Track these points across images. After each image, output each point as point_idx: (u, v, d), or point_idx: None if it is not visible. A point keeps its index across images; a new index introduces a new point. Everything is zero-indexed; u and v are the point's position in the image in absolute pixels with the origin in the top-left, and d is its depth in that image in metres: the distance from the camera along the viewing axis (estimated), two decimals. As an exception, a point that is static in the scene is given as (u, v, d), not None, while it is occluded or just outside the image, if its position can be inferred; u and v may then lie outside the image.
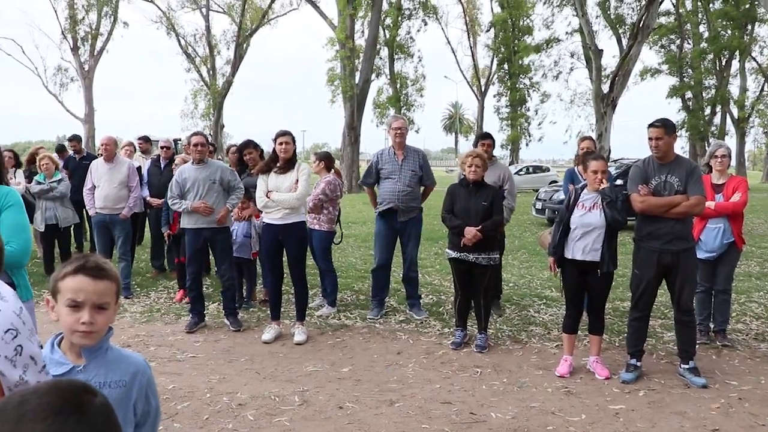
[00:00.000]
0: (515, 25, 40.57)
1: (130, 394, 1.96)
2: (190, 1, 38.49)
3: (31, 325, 1.56)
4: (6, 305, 1.52)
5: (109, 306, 1.92)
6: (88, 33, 36.97)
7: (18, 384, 1.46)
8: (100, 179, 7.95)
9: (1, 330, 1.47)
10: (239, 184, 6.74)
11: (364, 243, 12.63)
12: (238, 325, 6.63)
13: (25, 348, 1.50)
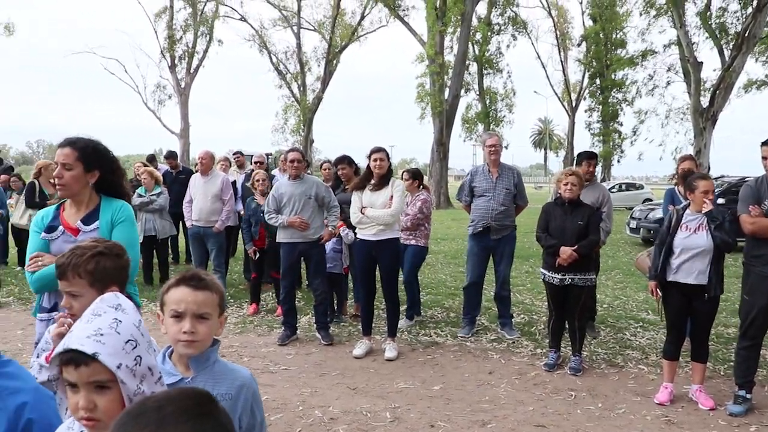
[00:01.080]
0: (608, 39, 39.64)
1: (235, 407, 2.01)
2: (282, 20, 39.52)
3: (149, 337, 1.62)
4: (126, 317, 1.58)
5: (210, 317, 1.99)
6: (185, 51, 38.47)
7: (136, 393, 1.51)
8: (196, 192, 8.24)
9: (123, 340, 1.53)
10: (334, 201, 6.82)
11: (454, 260, 12.56)
12: (330, 339, 6.70)
13: (144, 359, 1.55)
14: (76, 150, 3.18)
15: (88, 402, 1.50)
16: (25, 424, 1.70)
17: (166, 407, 1.14)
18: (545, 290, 6.19)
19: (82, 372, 1.49)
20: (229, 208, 8.19)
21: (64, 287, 2.16)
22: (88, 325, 1.54)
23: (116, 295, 1.64)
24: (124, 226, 3.22)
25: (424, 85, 32.04)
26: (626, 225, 16.69)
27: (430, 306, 8.35)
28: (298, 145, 36.75)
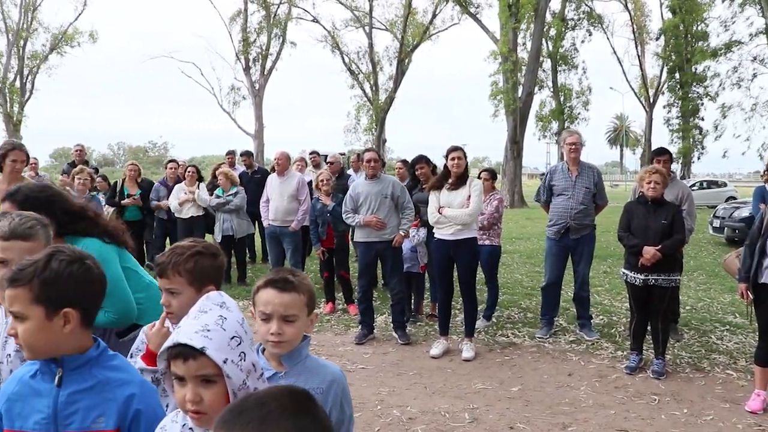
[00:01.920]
0: (688, 31, 38.24)
1: (326, 402, 2.06)
2: (354, 20, 39.83)
3: (251, 335, 1.67)
4: (231, 315, 1.64)
5: (297, 318, 2.04)
6: (259, 54, 39.30)
7: (240, 388, 1.56)
8: (272, 192, 8.39)
9: (228, 336, 1.59)
10: (409, 203, 6.84)
11: (530, 259, 12.41)
12: (407, 339, 6.72)
13: (248, 355, 1.61)
14: (16, 203, 2.88)
15: (195, 395, 1.56)
16: (134, 414, 1.78)
17: (268, 405, 1.18)
18: (627, 291, 6.05)
19: (190, 366, 1.56)
20: (305, 207, 8.27)
21: (164, 285, 2.25)
22: (195, 321, 1.61)
23: (220, 293, 1.70)
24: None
25: (497, 82, 31.75)
26: (709, 224, 16.09)
27: (506, 306, 8.27)
28: (371, 144, 36.97)
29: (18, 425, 1.80)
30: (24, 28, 39.95)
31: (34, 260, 1.77)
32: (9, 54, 39.92)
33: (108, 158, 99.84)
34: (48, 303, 1.73)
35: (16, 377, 1.87)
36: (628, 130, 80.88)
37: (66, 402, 1.76)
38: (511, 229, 17.92)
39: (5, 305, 1.79)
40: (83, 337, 1.82)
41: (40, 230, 2.33)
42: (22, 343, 1.75)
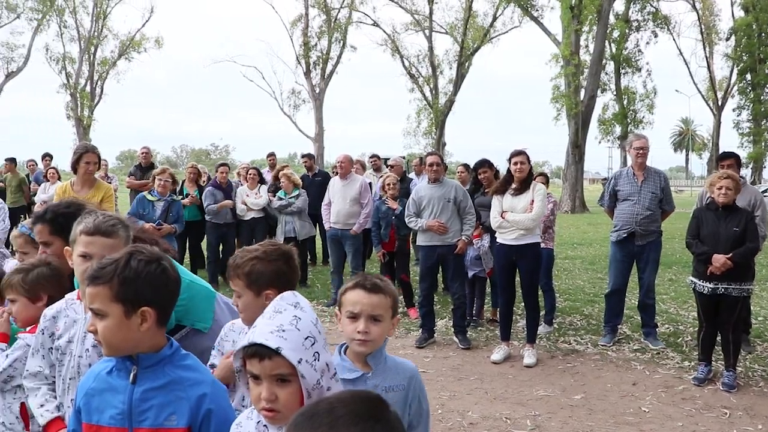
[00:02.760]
0: (762, 30, 36.83)
1: (407, 397, 2.16)
2: (414, 24, 39.86)
3: (325, 335, 1.70)
4: (305, 315, 1.67)
5: (383, 318, 2.10)
6: (320, 58, 39.69)
7: (315, 387, 1.59)
8: (334, 195, 8.46)
9: (302, 337, 1.62)
10: (471, 208, 6.82)
11: (592, 265, 12.19)
12: (467, 343, 6.70)
13: (321, 355, 1.64)
14: (46, 224, 2.90)
15: (270, 394, 1.60)
16: (205, 413, 1.83)
17: (338, 409, 1.20)
18: (695, 300, 5.88)
19: (265, 365, 1.60)
20: (367, 211, 8.29)
21: (232, 286, 2.32)
22: (270, 321, 1.65)
23: (294, 294, 1.73)
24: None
25: (559, 86, 31.29)
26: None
27: (568, 313, 8.15)
28: (430, 148, 36.92)
29: (95, 419, 1.87)
30: (95, 35, 41.44)
31: (114, 259, 1.84)
32: (81, 60, 41.44)
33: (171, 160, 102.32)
34: (127, 301, 1.79)
35: (93, 373, 1.95)
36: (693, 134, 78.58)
37: (140, 399, 1.82)
38: (572, 235, 17.66)
39: (86, 302, 1.86)
40: (158, 335, 1.88)
41: (121, 229, 2.42)
42: (101, 339, 1.82)
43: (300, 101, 40.51)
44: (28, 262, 2.74)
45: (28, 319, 2.65)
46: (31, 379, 2.43)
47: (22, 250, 3.34)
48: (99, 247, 2.33)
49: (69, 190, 5.48)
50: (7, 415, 2.60)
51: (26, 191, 13.00)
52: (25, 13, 39.97)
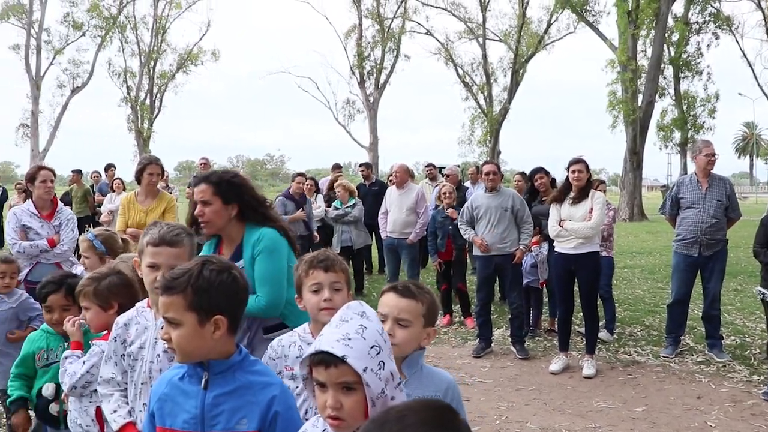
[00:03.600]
0: (838, 26, 35.30)
1: None
2: (467, 32, 39.72)
3: (390, 344, 1.71)
4: (371, 324, 1.68)
5: (410, 324, 2.11)
6: (374, 67, 39.90)
7: (379, 396, 1.60)
8: (391, 204, 8.49)
9: (368, 345, 1.63)
10: (528, 217, 6.77)
11: (651, 275, 11.92)
12: (525, 353, 6.63)
13: (387, 364, 1.64)
14: (211, 185, 3.14)
15: (335, 401, 1.62)
16: (273, 416, 1.87)
17: (409, 417, 1.20)
18: (763, 311, 5.70)
19: (331, 373, 1.61)
20: (423, 220, 8.28)
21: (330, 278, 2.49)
22: (336, 330, 1.66)
23: (360, 303, 1.75)
24: (260, 260, 3.12)
25: (616, 92, 30.70)
26: None
27: (628, 323, 7.99)
28: (485, 156, 36.69)
29: (168, 423, 1.92)
30: (154, 49, 42.68)
31: (187, 269, 1.88)
32: (141, 74, 42.71)
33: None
34: (200, 310, 1.84)
35: (165, 379, 2.00)
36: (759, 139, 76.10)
37: (212, 404, 1.87)
38: (630, 243, 17.31)
39: (160, 311, 1.91)
40: (229, 342, 1.93)
41: (186, 239, 2.49)
42: (176, 347, 1.87)
43: (354, 111, 40.75)
44: (100, 271, 2.85)
45: (100, 325, 2.75)
46: (104, 386, 2.52)
47: (85, 254, 3.70)
48: (165, 257, 2.42)
49: (133, 201, 5.64)
50: (83, 417, 2.71)
51: (90, 201, 13.41)
52: (89, 31, 41.49)
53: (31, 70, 40.96)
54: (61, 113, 41.91)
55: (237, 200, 3.16)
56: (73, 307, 3.07)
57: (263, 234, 3.13)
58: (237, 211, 3.17)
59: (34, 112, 41.12)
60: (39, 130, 41.28)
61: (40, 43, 41.00)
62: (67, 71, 41.99)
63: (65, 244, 5.22)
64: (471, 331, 7.56)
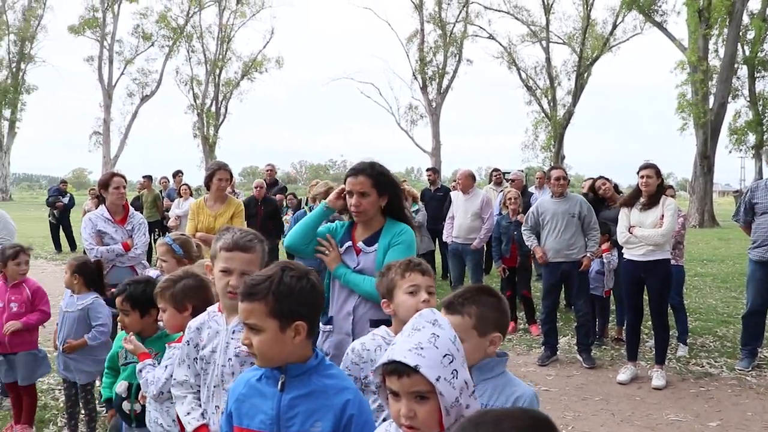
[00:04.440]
0: None
1: None
2: (530, 35, 39.31)
3: (463, 352, 1.68)
4: (443, 333, 1.66)
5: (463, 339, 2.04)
6: (436, 72, 39.91)
7: (453, 405, 1.59)
8: (457, 210, 8.45)
9: (441, 354, 1.61)
10: (595, 223, 6.62)
11: (724, 283, 11.50)
12: (592, 362, 6.49)
13: (460, 373, 1.63)
14: (370, 178, 3.28)
15: (408, 410, 1.61)
16: (347, 420, 1.88)
17: (504, 422, 1.21)
18: None
19: (404, 382, 1.61)
20: (488, 226, 8.18)
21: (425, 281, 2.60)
22: (409, 339, 1.65)
23: (432, 311, 1.73)
24: (396, 249, 3.25)
25: (685, 94, 29.83)
26: None
27: (700, 333, 7.73)
28: (549, 161, 36.21)
29: (245, 423, 1.96)
30: (220, 58, 43.81)
31: (268, 276, 1.90)
32: (207, 82, 43.88)
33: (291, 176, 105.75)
34: (282, 316, 1.86)
35: (243, 380, 2.04)
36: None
37: (288, 406, 1.89)
38: (701, 251, 16.75)
39: (240, 317, 1.94)
40: (307, 347, 1.95)
41: (258, 244, 2.52)
42: (257, 353, 1.89)
43: (417, 116, 40.82)
44: (176, 274, 2.92)
45: (176, 326, 2.84)
46: (178, 388, 2.58)
47: (163, 258, 3.88)
48: (238, 262, 2.45)
49: (203, 206, 5.76)
50: (164, 417, 2.80)
51: (160, 206, 13.79)
52: (158, 41, 42.93)
53: (103, 80, 42.71)
54: (131, 121, 43.58)
55: (387, 194, 3.33)
56: (132, 312, 3.20)
57: (406, 229, 3.33)
58: (386, 203, 3.35)
59: (105, 120, 42.80)
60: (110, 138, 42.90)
61: (112, 54, 42.71)
62: (137, 80, 43.71)
63: (139, 248, 5.37)
64: (536, 338, 7.46)
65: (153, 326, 3.23)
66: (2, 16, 41.57)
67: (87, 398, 4.54)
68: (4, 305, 4.63)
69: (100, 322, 4.41)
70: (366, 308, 3.26)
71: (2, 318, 4.62)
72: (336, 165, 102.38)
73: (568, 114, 37.57)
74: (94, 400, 4.61)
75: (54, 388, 5.70)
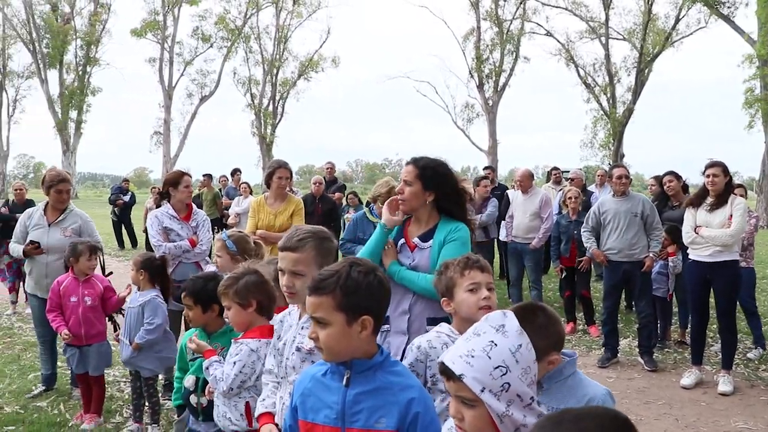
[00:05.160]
0: None
1: None
2: (589, 31, 38.51)
3: (529, 362, 1.63)
4: (504, 341, 1.61)
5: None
6: (492, 70, 39.55)
7: (504, 415, 1.56)
8: (516, 209, 8.36)
9: (492, 366, 1.57)
10: (658, 223, 6.46)
11: (797, 286, 11.07)
12: (654, 365, 6.33)
13: (513, 386, 1.58)
14: (416, 168, 3.34)
15: (456, 412, 1.62)
16: (413, 417, 1.87)
17: (584, 421, 1.21)
18: None
19: (451, 386, 1.62)
20: (547, 225, 8.07)
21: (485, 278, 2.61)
22: (465, 344, 1.64)
23: (504, 313, 1.69)
24: (451, 246, 3.23)
25: (753, 89, 28.75)
26: None
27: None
28: (608, 159, 35.47)
29: (310, 417, 1.97)
30: (277, 58, 44.34)
31: (335, 270, 1.92)
32: (264, 82, 44.52)
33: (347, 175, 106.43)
34: (349, 310, 1.87)
35: (308, 374, 2.05)
36: None
37: (353, 401, 1.90)
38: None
39: (307, 311, 1.96)
40: (372, 343, 1.95)
41: (311, 242, 2.53)
42: (323, 346, 1.90)
43: (473, 114, 40.54)
44: (237, 272, 2.97)
45: (241, 323, 2.88)
46: (265, 375, 2.65)
47: (218, 253, 3.98)
48: (286, 261, 2.48)
49: (263, 203, 5.83)
50: (233, 412, 2.85)
51: (219, 204, 14.05)
52: (216, 42, 43.74)
53: (164, 81, 43.82)
54: (191, 121, 44.56)
55: (435, 189, 3.33)
56: (195, 307, 3.27)
57: (461, 226, 3.31)
58: (433, 198, 3.33)
59: (166, 120, 43.89)
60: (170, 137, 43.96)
61: (172, 56, 43.79)
62: (196, 81, 44.67)
63: (203, 244, 5.45)
64: (595, 339, 7.33)
65: (218, 321, 3.28)
66: (71, 21, 42.98)
67: (150, 392, 4.66)
68: (78, 299, 4.82)
69: (149, 320, 4.53)
70: (422, 306, 3.26)
71: (78, 311, 4.81)
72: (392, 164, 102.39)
73: (628, 111, 36.65)
74: (157, 393, 4.74)
75: (119, 380, 5.87)
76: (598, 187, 10.25)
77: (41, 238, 5.33)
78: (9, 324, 8.28)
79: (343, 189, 11.81)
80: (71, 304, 4.83)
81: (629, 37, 37.47)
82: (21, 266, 8.45)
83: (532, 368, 1.64)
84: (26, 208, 8.19)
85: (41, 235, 5.34)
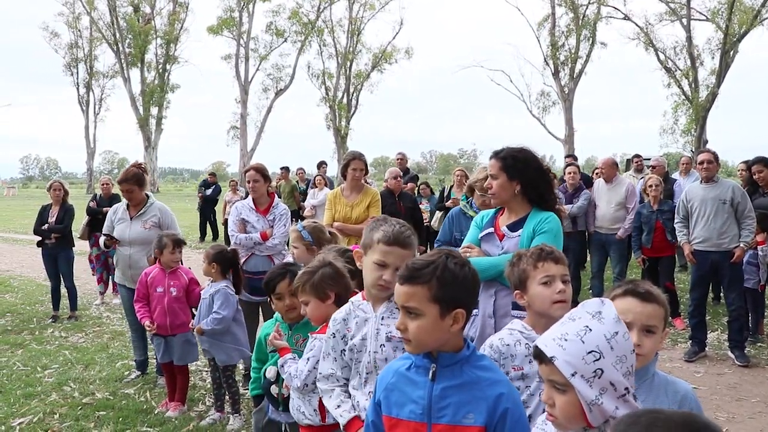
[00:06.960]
0: None
1: None
2: (669, 13, 37.08)
3: (625, 351, 1.58)
4: (599, 327, 1.57)
5: (656, 330, 1.97)
6: (568, 57, 38.67)
7: (593, 403, 1.52)
8: (599, 199, 8.14)
9: (585, 350, 1.53)
10: (750, 211, 6.14)
11: None
12: (745, 360, 6.06)
13: (606, 372, 1.53)
14: (499, 160, 3.36)
15: (548, 397, 1.59)
16: (502, 413, 1.82)
17: (657, 424, 1.16)
18: None
19: (543, 369, 1.59)
20: (632, 216, 7.82)
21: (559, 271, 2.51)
22: (560, 327, 1.60)
23: (602, 301, 1.64)
24: (543, 237, 3.17)
25: None
26: None
27: None
28: (690, 146, 34.19)
29: (395, 413, 1.93)
30: (350, 50, 44.65)
31: (431, 260, 1.87)
32: (338, 75, 44.90)
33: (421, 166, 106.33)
34: (443, 302, 1.83)
35: (392, 369, 2.01)
36: None
37: (439, 396, 1.85)
38: None
39: (398, 301, 1.89)
40: (459, 337, 1.90)
41: (414, 239, 2.47)
42: (412, 337, 1.85)
43: (549, 103, 39.80)
44: (312, 265, 2.93)
45: (320, 317, 2.85)
46: (324, 381, 2.56)
47: (294, 244, 3.99)
48: (394, 257, 2.37)
49: (339, 195, 5.85)
50: (306, 407, 2.84)
51: (297, 197, 14.23)
52: (290, 37, 44.37)
53: (240, 76, 44.76)
54: (266, 115, 45.42)
55: (519, 176, 3.32)
56: (272, 297, 3.27)
57: (551, 217, 3.30)
58: (520, 187, 3.33)
59: (242, 114, 44.86)
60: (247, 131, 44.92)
61: (247, 52, 44.66)
62: (271, 76, 45.48)
63: (276, 238, 5.47)
64: (681, 332, 7.07)
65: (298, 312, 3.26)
66: (151, 21, 44.46)
67: (229, 382, 4.77)
68: (164, 290, 4.99)
69: (216, 309, 4.64)
70: (507, 291, 3.16)
71: (164, 301, 4.99)
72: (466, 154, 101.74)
73: (712, 95, 35.16)
74: (236, 384, 4.84)
75: (201, 369, 6.03)
76: (682, 174, 9.85)
77: (124, 231, 5.66)
78: (98, 314, 8.63)
79: (415, 179, 11.72)
80: (157, 294, 5.00)
81: (713, 17, 35.84)
82: (108, 258, 8.84)
83: (628, 358, 1.58)
84: (113, 202, 8.59)
85: (124, 229, 5.67)
